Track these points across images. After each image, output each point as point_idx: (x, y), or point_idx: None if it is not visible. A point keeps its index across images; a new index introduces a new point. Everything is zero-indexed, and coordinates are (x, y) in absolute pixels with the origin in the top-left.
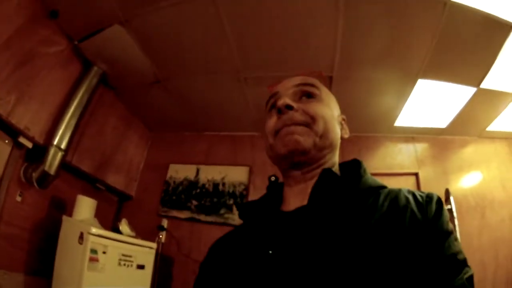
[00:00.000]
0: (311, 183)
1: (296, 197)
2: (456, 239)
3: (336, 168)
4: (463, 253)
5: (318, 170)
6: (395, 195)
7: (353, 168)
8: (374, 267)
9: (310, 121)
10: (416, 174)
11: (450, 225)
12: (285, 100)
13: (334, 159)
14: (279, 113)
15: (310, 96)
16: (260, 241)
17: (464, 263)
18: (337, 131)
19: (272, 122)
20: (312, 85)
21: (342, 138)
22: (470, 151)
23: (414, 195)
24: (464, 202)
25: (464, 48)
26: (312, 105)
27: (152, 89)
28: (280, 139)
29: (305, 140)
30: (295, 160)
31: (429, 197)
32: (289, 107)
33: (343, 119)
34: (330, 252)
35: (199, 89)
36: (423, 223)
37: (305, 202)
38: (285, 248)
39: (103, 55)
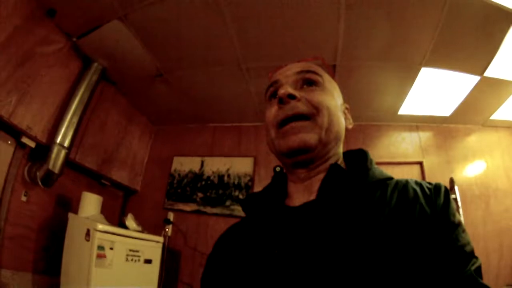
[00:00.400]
0: (316, 179)
1: (301, 193)
2: (463, 230)
3: (341, 161)
4: (471, 244)
5: (324, 166)
6: (402, 187)
7: (359, 160)
8: (385, 267)
9: (314, 112)
10: (420, 163)
11: (458, 216)
12: (287, 89)
13: (339, 151)
14: (281, 103)
15: (312, 83)
16: (265, 239)
17: (471, 255)
18: (342, 122)
19: (272, 112)
20: (314, 72)
21: (346, 128)
22: (474, 139)
23: (421, 187)
24: (469, 191)
25: (467, 36)
26: (315, 94)
27: (154, 82)
28: (284, 137)
29: (311, 137)
30: (300, 159)
31: (437, 188)
32: (291, 97)
33: (346, 108)
34: (338, 251)
35: (201, 80)
36: (431, 216)
37: (311, 198)
38: (291, 248)
39: (102, 51)
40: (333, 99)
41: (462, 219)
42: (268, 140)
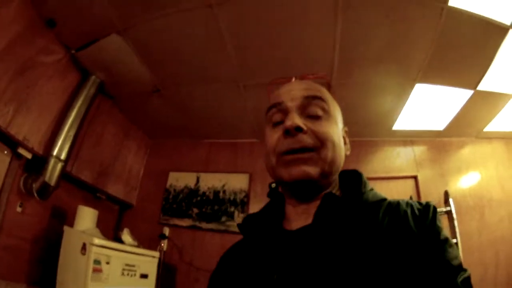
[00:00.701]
0: (313, 205)
1: (298, 216)
2: (451, 245)
3: (337, 189)
4: (459, 258)
5: (322, 194)
6: (393, 208)
7: (353, 183)
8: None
9: (319, 145)
10: (415, 177)
11: (444, 233)
12: (294, 120)
13: (336, 177)
14: (287, 134)
15: (319, 112)
16: (264, 263)
17: (459, 268)
18: (343, 153)
19: (275, 138)
20: (321, 98)
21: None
22: (468, 152)
23: (412, 208)
24: (463, 202)
25: (461, 52)
26: (322, 125)
27: (151, 97)
28: (286, 166)
29: (313, 170)
30: (300, 190)
31: (425, 208)
32: (298, 129)
33: (346, 132)
34: (335, 276)
35: (198, 96)
36: (419, 236)
37: (308, 222)
38: (290, 273)
39: (101, 64)
40: (336, 127)
41: (457, 230)
42: (267, 165)
